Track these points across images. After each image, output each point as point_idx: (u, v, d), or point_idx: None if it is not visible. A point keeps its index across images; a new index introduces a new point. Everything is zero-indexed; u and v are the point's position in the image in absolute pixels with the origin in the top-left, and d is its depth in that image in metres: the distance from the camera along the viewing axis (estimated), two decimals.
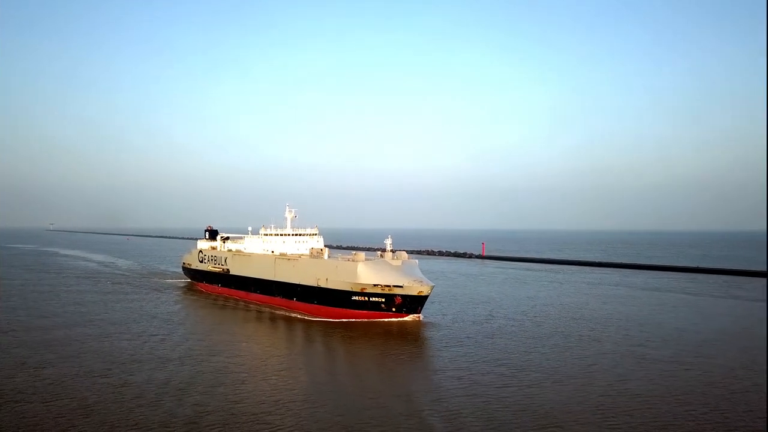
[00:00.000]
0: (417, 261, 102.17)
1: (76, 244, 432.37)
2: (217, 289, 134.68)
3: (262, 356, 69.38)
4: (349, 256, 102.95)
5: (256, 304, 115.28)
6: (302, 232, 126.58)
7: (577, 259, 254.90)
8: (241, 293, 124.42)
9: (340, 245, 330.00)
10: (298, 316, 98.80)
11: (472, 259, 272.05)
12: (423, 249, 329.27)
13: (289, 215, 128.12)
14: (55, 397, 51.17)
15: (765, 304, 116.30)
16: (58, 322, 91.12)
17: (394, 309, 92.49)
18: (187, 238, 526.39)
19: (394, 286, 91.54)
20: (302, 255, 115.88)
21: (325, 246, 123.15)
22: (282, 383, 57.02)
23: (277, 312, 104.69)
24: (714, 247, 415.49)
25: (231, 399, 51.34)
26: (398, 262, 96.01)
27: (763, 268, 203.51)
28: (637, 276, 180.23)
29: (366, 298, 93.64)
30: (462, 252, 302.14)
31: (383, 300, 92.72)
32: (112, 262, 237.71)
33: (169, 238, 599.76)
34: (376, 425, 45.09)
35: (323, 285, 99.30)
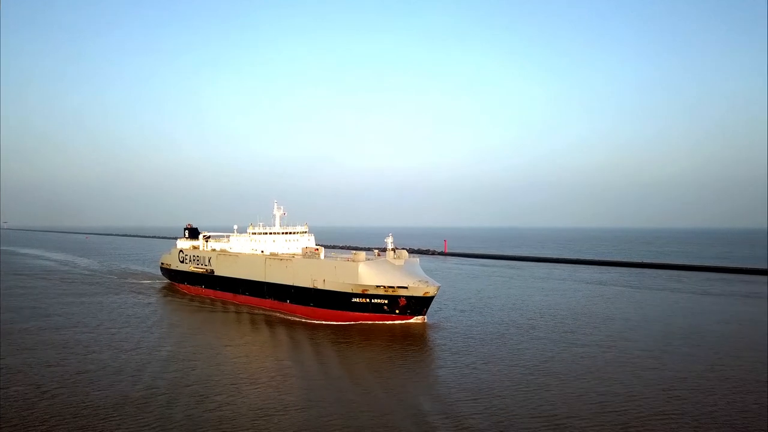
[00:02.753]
0: (418, 260, 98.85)
1: (34, 243, 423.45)
2: (201, 290, 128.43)
3: (258, 358, 68.08)
4: (348, 256, 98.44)
5: (246, 306, 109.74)
6: (292, 231, 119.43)
7: (533, 256, 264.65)
8: (228, 295, 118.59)
9: (329, 244, 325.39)
10: (294, 319, 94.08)
11: (435, 256, 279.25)
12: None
13: (277, 212, 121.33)
14: (14, 383, 54.65)
15: (694, 295, 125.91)
16: (33, 325, 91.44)
17: (397, 311, 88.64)
18: (155, 237, 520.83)
19: (398, 287, 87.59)
20: (295, 255, 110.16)
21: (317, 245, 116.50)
22: (281, 387, 54.75)
23: (270, 315, 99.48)
24: (688, 243, 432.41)
25: (222, 404, 49.26)
26: (400, 262, 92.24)
27: (708, 263, 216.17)
28: (586, 271, 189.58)
29: (368, 300, 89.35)
30: (425, 249, 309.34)
31: (386, 302, 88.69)
32: (72, 261, 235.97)
33: (139, 237, 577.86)
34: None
35: (320, 286, 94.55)
